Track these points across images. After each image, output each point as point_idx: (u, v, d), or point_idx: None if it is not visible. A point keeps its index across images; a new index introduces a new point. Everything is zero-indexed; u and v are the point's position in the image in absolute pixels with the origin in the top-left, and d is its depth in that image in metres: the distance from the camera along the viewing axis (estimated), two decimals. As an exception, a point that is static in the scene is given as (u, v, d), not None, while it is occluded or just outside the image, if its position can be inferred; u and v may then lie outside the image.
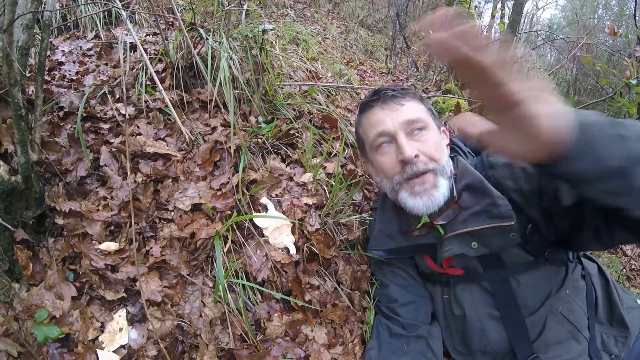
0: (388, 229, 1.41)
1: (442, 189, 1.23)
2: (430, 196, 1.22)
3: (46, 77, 1.75)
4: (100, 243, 1.25)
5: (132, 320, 1.17)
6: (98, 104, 1.65)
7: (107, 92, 1.68)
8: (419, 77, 4.58)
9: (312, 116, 2.05)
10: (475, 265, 1.28)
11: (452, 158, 1.37)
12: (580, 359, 1.24)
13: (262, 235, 1.41)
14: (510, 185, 1.20)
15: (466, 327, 1.32)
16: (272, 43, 2.26)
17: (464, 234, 1.22)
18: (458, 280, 1.33)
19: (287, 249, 1.41)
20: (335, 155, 1.90)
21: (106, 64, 1.93)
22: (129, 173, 1.32)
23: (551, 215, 1.16)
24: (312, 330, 1.32)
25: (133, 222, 1.24)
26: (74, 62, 1.95)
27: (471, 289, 1.31)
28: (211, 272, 1.31)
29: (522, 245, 1.21)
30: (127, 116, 1.57)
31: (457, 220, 1.24)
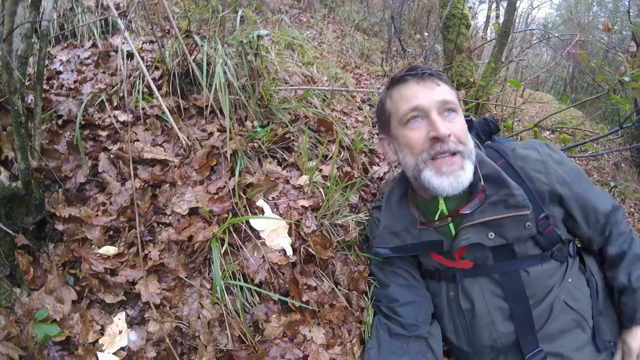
0: (394, 226, 1.41)
1: (468, 172, 1.24)
2: (456, 177, 1.22)
3: (45, 86, 1.78)
4: (99, 247, 1.27)
5: (131, 323, 1.19)
6: (96, 112, 1.68)
7: (105, 99, 1.71)
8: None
9: (307, 120, 2.07)
10: (487, 257, 1.30)
11: None
12: (585, 349, 1.26)
13: (259, 237, 1.43)
14: (543, 179, 1.28)
15: (475, 321, 1.32)
16: (267, 48, 2.28)
17: (480, 224, 1.25)
18: (465, 273, 1.34)
19: (284, 251, 1.42)
20: (331, 157, 1.92)
21: (104, 72, 1.95)
22: (132, 178, 1.34)
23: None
24: (310, 331, 1.33)
25: (138, 226, 1.26)
26: (72, 70, 1.98)
27: (480, 281, 1.32)
28: (209, 274, 1.32)
29: (534, 236, 1.25)
30: (128, 123, 1.59)
31: (475, 210, 1.26)
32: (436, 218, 1.35)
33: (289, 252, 1.42)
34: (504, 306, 1.29)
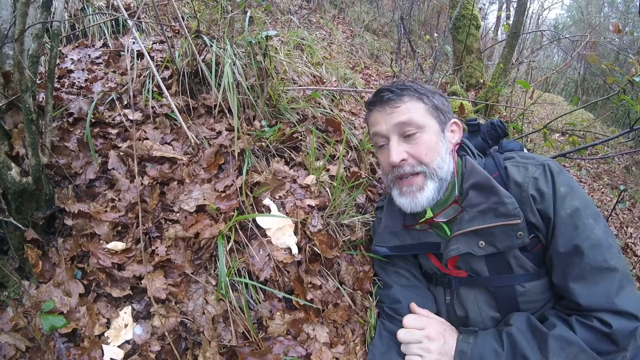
0: (393, 226, 1.43)
1: (427, 192, 1.28)
2: (413, 197, 1.29)
3: (56, 85, 1.81)
4: (107, 243, 1.29)
5: (137, 317, 1.20)
6: (106, 110, 1.71)
7: (115, 98, 1.73)
8: (424, 79, 4.59)
9: (315, 120, 2.08)
10: (482, 269, 1.29)
11: (460, 157, 1.39)
12: None
13: (265, 235, 1.44)
14: (516, 204, 1.20)
15: (469, 327, 1.33)
16: (276, 49, 2.30)
17: (470, 232, 1.24)
18: (461, 282, 1.34)
19: (290, 249, 1.43)
20: (338, 157, 1.93)
21: (114, 72, 1.98)
22: (137, 175, 1.36)
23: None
24: (313, 329, 1.33)
25: (141, 222, 1.27)
26: (82, 69, 2.01)
27: (475, 292, 1.32)
28: (214, 270, 1.33)
29: (526, 251, 1.23)
30: (135, 121, 1.62)
31: (463, 219, 1.26)
32: (420, 220, 1.37)
33: (295, 250, 1.42)
34: (497, 316, 1.29)
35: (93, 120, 1.61)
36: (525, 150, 1.52)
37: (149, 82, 1.77)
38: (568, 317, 1.15)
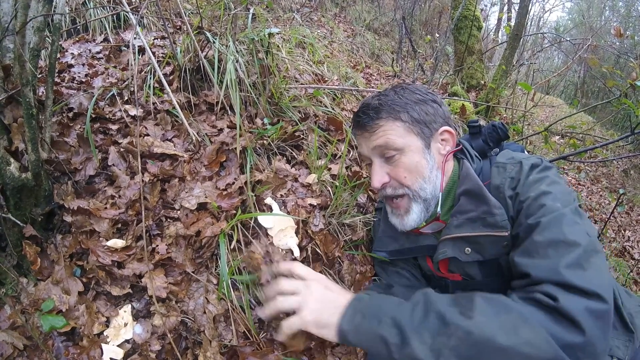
0: (392, 230, 1.42)
1: (412, 215, 1.28)
2: (402, 219, 1.30)
3: (56, 79, 1.79)
4: (107, 240, 1.28)
5: (137, 316, 1.19)
6: (107, 106, 1.69)
7: (115, 94, 1.72)
8: (425, 80, 4.59)
9: (317, 118, 2.07)
10: (475, 273, 1.28)
11: (458, 160, 1.37)
12: None
13: (267, 235, 1.43)
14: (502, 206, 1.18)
15: None
16: (278, 46, 2.28)
17: (458, 238, 1.23)
18: (457, 285, 1.33)
19: (291, 251, 1.42)
20: (340, 157, 1.92)
21: (115, 67, 1.96)
22: (139, 173, 1.34)
23: None
24: (315, 329, 1.32)
25: (144, 220, 1.26)
26: (83, 64, 1.99)
27: None
28: (215, 269, 1.32)
29: None
30: (137, 117, 1.60)
31: (452, 225, 1.25)
32: (407, 229, 1.35)
33: (296, 252, 1.41)
34: None
35: (93, 116, 1.59)
36: (525, 152, 1.51)
37: (150, 78, 1.75)
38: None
